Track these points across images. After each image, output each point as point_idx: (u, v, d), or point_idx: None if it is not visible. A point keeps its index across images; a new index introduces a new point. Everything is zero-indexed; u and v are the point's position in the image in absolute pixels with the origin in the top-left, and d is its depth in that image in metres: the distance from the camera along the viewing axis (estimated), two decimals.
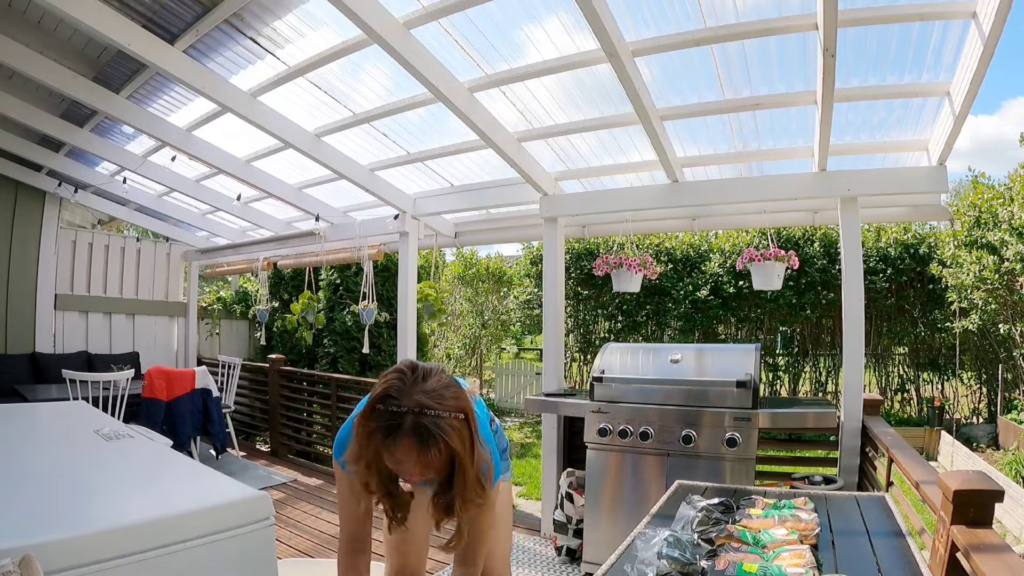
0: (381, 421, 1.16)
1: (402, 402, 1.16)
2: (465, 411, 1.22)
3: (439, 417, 1.16)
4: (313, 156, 3.90)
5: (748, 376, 2.97)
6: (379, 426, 1.16)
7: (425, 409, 1.16)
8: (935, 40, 2.54)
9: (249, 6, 2.84)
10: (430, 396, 1.18)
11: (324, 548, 3.53)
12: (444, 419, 1.16)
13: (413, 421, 1.15)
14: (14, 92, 4.06)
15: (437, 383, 1.21)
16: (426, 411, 1.15)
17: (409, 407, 1.15)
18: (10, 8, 3.13)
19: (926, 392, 7.52)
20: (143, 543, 1.26)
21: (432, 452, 1.16)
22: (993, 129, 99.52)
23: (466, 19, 2.75)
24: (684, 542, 1.35)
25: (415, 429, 1.14)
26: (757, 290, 3.83)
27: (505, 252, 11.76)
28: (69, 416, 2.53)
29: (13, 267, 5.77)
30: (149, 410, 4.67)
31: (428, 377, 1.22)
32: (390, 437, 1.15)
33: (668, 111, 3.18)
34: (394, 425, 1.15)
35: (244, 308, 7.70)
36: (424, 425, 1.15)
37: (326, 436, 5.78)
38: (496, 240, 6.32)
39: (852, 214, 3.22)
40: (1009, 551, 1.34)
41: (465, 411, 1.22)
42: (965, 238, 6.08)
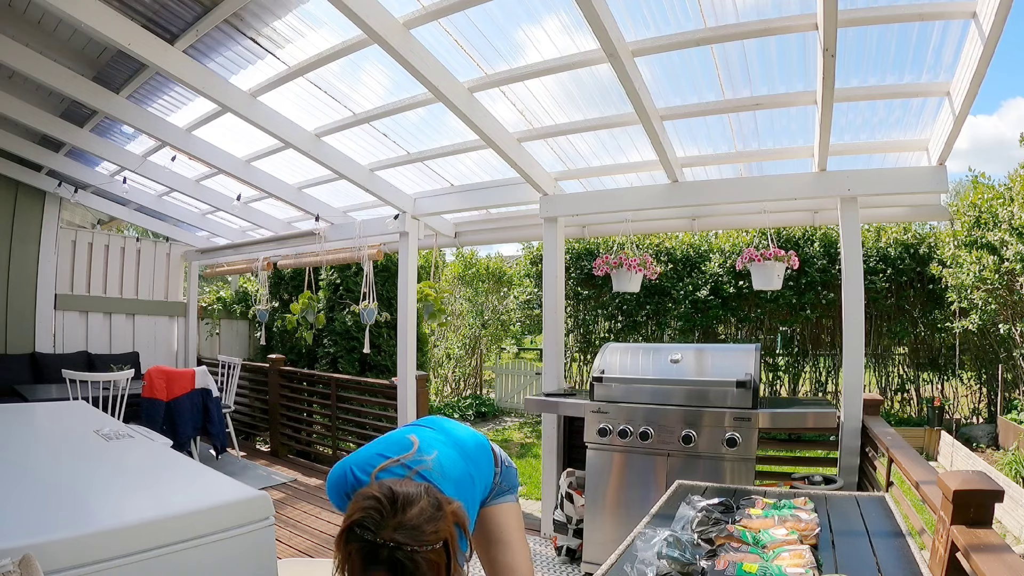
0: (357, 545, 1.15)
1: (378, 535, 1.14)
2: (445, 539, 1.19)
3: (415, 552, 1.13)
4: (313, 156, 3.90)
5: (748, 376, 2.97)
6: (355, 549, 1.15)
7: (402, 545, 1.13)
8: (935, 40, 2.54)
9: (249, 6, 2.84)
10: (408, 533, 1.14)
11: (324, 548, 3.53)
12: (420, 553, 1.14)
13: (388, 555, 1.13)
14: (14, 92, 4.06)
15: (418, 516, 1.17)
16: (403, 547, 1.13)
17: (385, 539, 1.13)
18: (10, 8, 3.13)
19: (926, 392, 7.52)
20: (143, 543, 1.25)
21: None
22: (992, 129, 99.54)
23: (466, 19, 2.75)
24: (684, 542, 1.35)
25: (390, 565, 1.13)
26: (757, 290, 3.83)
27: (505, 252, 11.78)
28: (69, 416, 2.53)
29: (13, 267, 5.77)
30: (149, 410, 4.67)
31: (408, 509, 1.17)
32: (366, 565, 1.14)
33: (668, 111, 3.18)
34: (370, 555, 1.13)
35: (244, 308, 7.70)
36: (400, 561, 1.12)
37: (326, 436, 5.78)
38: (496, 240, 6.32)
39: (852, 214, 3.22)
40: (1009, 551, 1.34)
41: (445, 539, 1.19)
42: (965, 238, 6.08)
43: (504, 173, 4.18)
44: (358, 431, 5.46)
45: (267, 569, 1.47)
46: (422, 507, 1.18)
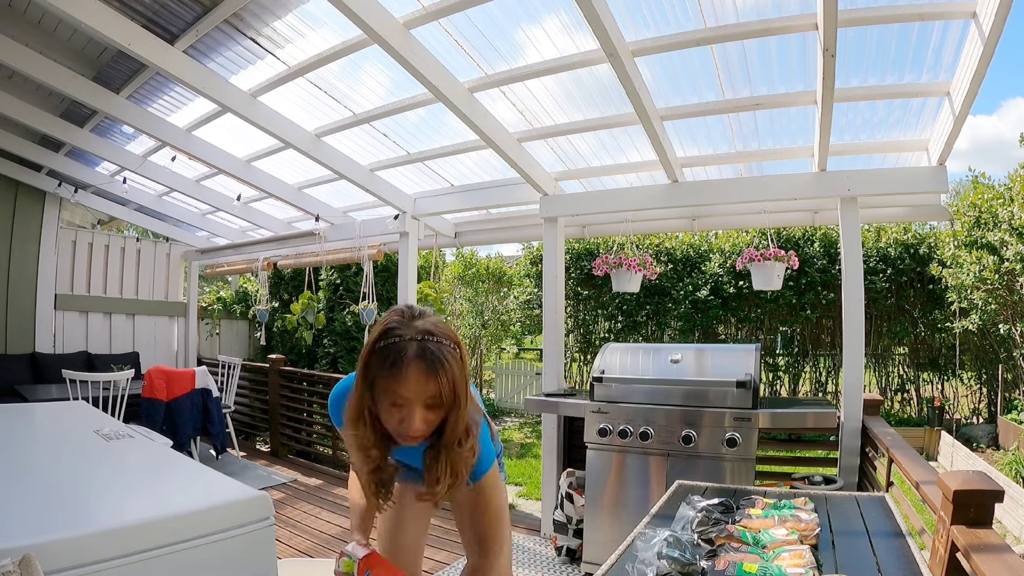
0: (386, 355, 1.16)
1: (405, 333, 1.17)
2: (460, 347, 1.23)
3: (442, 344, 1.18)
4: (313, 156, 3.90)
5: (748, 376, 2.97)
6: (383, 361, 1.16)
7: (428, 335, 1.17)
8: (935, 40, 2.54)
9: (249, 6, 2.85)
10: (432, 324, 1.20)
11: (324, 548, 3.53)
12: (446, 346, 1.18)
13: (419, 347, 1.16)
14: (14, 92, 4.06)
15: (435, 319, 1.24)
16: (429, 337, 1.17)
17: (412, 335, 1.17)
18: (10, 8, 3.14)
19: (926, 392, 7.52)
20: (143, 543, 1.25)
21: (438, 378, 1.16)
22: (992, 129, 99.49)
23: (466, 19, 2.75)
24: (684, 542, 1.35)
25: (421, 354, 1.15)
26: (757, 290, 3.83)
27: (505, 252, 11.77)
28: (69, 416, 2.53)
29: (13, 267, 5.77)
30: (149, 410, 4.67)
31: (425, 314, 1.24)
32: (395, 367, 1.15)
33: (668, 111, 3.18)
34: (400, 354, 1.15)
35: (244, 308, 7.70)
36: (430, 350, 1.16)
37: (326, 436, 5.78)
38: (496, 240, 6.32)
39: (852, 214, 3.22)
40: (1009, 551, 1.34)
41: (460, 347, 1.23)
42: (965, 238, 6.08)
43: (504, 173, 4.18)
44: None
45: (267, 569, 1.47)
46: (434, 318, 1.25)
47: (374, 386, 1.19)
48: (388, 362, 1.16)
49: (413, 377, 1.15)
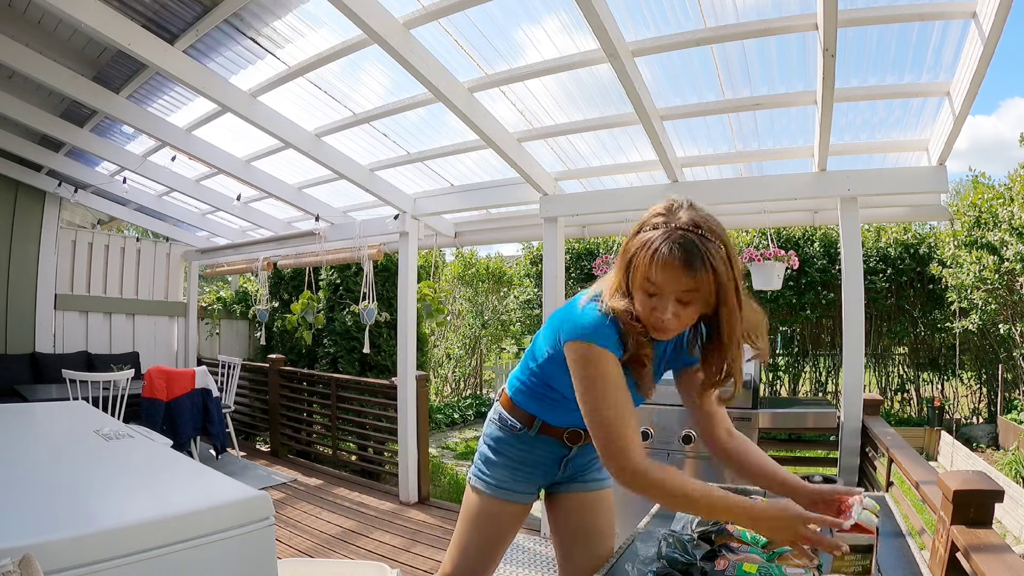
0: (651, 236, 1.15)
1: (669, 218, 1.16)
2: (728, 246, 1.18)
3: (706, 239, 1.14)
4: (313, 156, 3.90)
5: (748, 376, 2.97)
6: (643, 247, 1.15)
7: (693, 228, 1.14)
8: (935, 40, 2.54)
9: (249, 6, 2.84)
10: (700, 217, 1.17)
11: (324, 548, 3.53)
12: (711, 243, 1.14)
13: (682, 236, 1.13)
14: (14, 92, 4.06)
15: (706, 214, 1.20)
16: (694, 229, 1.14)
17: (677, 224, 1.15)
18: (10, 8, 3.13)
19: (926, 392, 7.52)
20: (143, 543, 1.25)
21: (695, 272, 1.12)
22: (991, 129, 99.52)
23: (466, 19, 2.75)
24: (684, 542, 1.35)
25: (683, 243, 1.12)
26: (757, 290, 3.83)
27: (505, 252, 11.77)
28: (69, 416, 2.53)
29: (13, 267, 5.77)
30: (149, 410, 4.67)
31: (695, 207, 1.21)
32: (658, 251, 1.13)
33: (668, 111, 3.18)
34: (664, 239, 1.13)
35: (244, 308, 7.70)
36: (692, 241, 1.12)
37: (326, 436, 5.78)
38: (496, 240, 6.32)
39: (852, 214, 3.22)
40: (1009, 551, 1.34)
41: (728, 246, 1.18)
42: (965, 238, 6.08)
43: (504, 173, 4.18)
44: (358, 431, 5.46)
45: (267, 569, 1.47)
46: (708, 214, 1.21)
47: (631, 270, 1.18)
48: (647, 249, 1.15)
49: (669, 267, 1.13)
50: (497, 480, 1.52)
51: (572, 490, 1.58)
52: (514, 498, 1.51)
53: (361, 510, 4.28)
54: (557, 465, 1.55)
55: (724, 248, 1.17)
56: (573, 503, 1.58)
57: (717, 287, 1.15)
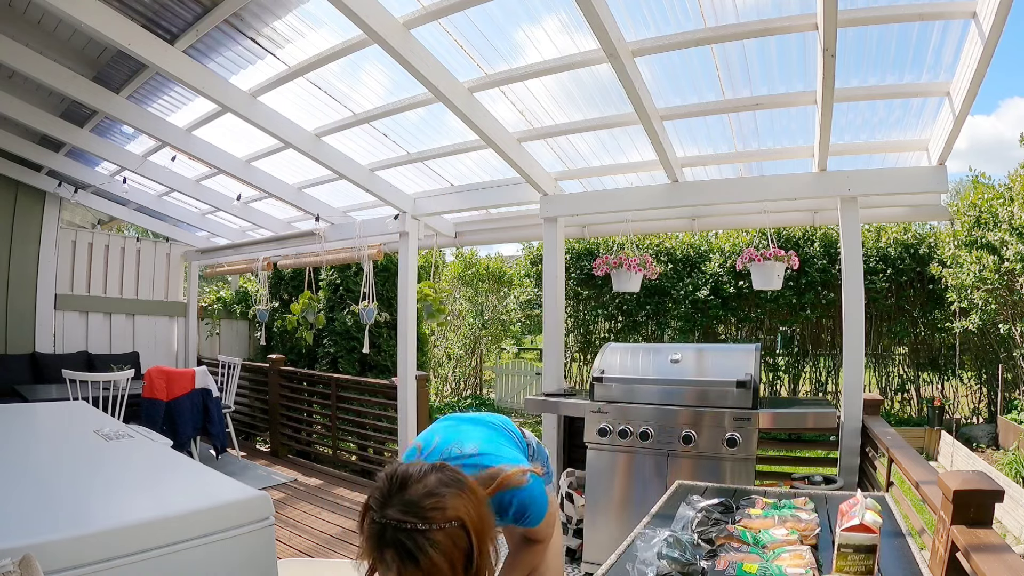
0: (367, 528, 1.11)
1: (381, 514, 1.08)
2: (459, 518, 1.09)
3: (416, 531, 1.05)
4: (313, 156, 3.90)
5: (748, 376, 2.97)
6: (367, 533, 1.11)
7: (402, 523, 1.06)
8: (935, 40, 2.54)
9: (249, 6, 2.84)
10: (407, 510, 1.07)
11: (324, 548, 3.53)
12: (424, 532, 1.05)
13: (392, 536, 1.06)
14: (14, 92, 4.06)
15: (419, 492, 1.09)
16: (404, 525, 1.06)
17: (388, 520, 1.07)
18: (10, 8, 3.13)
19: (926, 392, 7.52)
20: (143, 543, 1.25)
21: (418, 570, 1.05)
22: (990, 129, 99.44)
23: (466, 19, 2.75)
24: (684, 542, 1.35)
25: (394, 545, 1.06)
26: (757, 290, 3.83)
27: (505, 252, 11.77)
28: (69, 416, 2.53)
29: (13, 267, 5.76)
30: (149, 410, 4.67)
31: (407, 485, 1.10)
32: (376, 552, 1.08)
33: (668, 111, 3.18)
34: (378, 536, 1.08)
35: (244, 308, 7.70)
36: (401, 541, 1.05)
37: (326, 436, 5.78)
38: (496, 240, 6.32)
39: (852, 214, 3.22)
40: (1009, 551, 1.34)
41: (459, 518, 1.09)
42: (965, 238, 6.08)
43: (504, 173, 4.18)
44: (358, 431, 5.46)
45: (267, 569, 1.47)
46: (427, 483, 1.11)
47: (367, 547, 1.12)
48: (369, 543, 1.09)
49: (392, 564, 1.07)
50: None
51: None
52: None
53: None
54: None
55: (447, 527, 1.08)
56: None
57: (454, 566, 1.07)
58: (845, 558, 1.22)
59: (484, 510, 1.16)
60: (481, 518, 1.13)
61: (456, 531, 1.08)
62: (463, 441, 1.53)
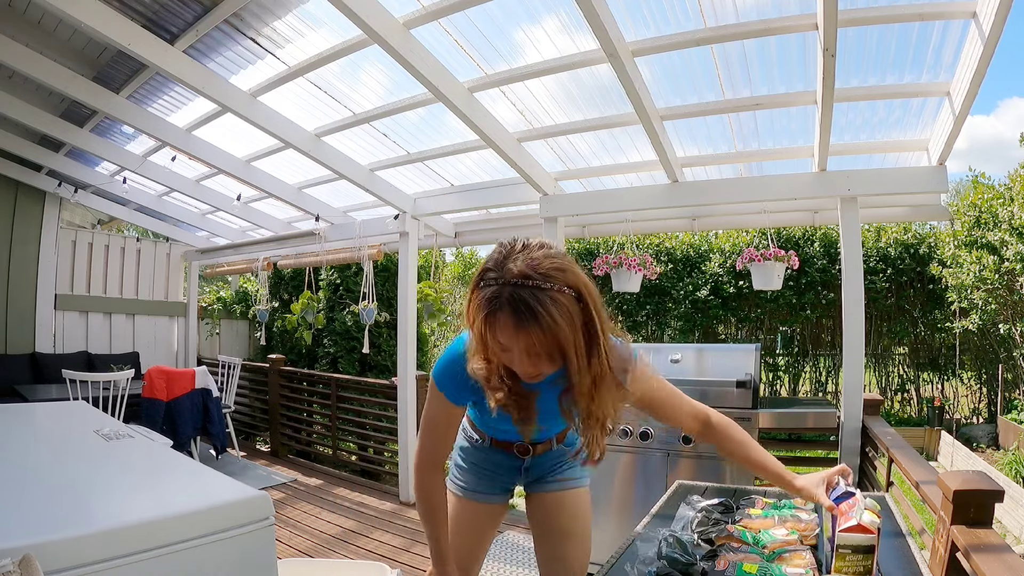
0: (482, 296, 1.07)
1: (499, 274, 1.05)
2: (576, 287, 1.07)
3: (538, 288, 1.02)
4: (313, 156, 3.90)
5: (748, 376, 2.97)
6: (480, 302, 1.07)
7: (523, 279, 1.03)
8: (935, 40, 2.54)
9: (249, 6, 2.85)
10: (529, 265, 1.04)
11: (324, 548, 3.53)
12: (546, 291, 1.02)
13: (510, 293, 1.03)
14: (14, 92, 4.06)
15: (541, 254, 1.07)
16: (524, 281, 1.03)
17: (507, 278, 1.04)
18: (10, 8, 3.13)
19: (926, 392, 7.52)
20: (143, 543, 1.25)
21: (532, 330, 1.02)
22: (990, 129, 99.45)
23: (466, 19, 2.75)
24: (684, 542, 1.35)
25: (511, 301, 1.02)
26: (757, 290, 3.83)
27: None
28: (69, 416, 2.53)
29: (13, 267, 5.77)
30: (149, 410, 4.67)
31: (529, 248, 1.09)
32: (489, 312, 1.05)
33: (668, 111, 3.18)
34: (493, 299, 1.04)
35: (244, 308, 7.70)
36: (521, 297, 1.02)
37: (326, 436, 5.78)
38: (496, 240, 6.26)
39: (852, 214, 3.22)
40: (1009, 551, 1.34)
41: (576, 287, 1.07)
42: (965, 238, 6.08)
43: (504, 173, 4.18)
44: (358, 431, 5.46)
45: (267, 569, 1.47)
46: (547, 252, 1.09)
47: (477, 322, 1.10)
48: (482, 310, 1.07)
49: (505, 328, 1.05)
50: (466, 483, 1.68)
51: (539, 490, 1.66)
52: (483, 499, 1.65)
53: (361, 510, 4.28)
54: (517, 472, 1.65)
55: (566, 291, 1.06)
56: (540, 503, 1.66)
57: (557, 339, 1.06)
58: (843, 558, 1.22)
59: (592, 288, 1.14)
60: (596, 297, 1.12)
61: (572, 300, 1.06)
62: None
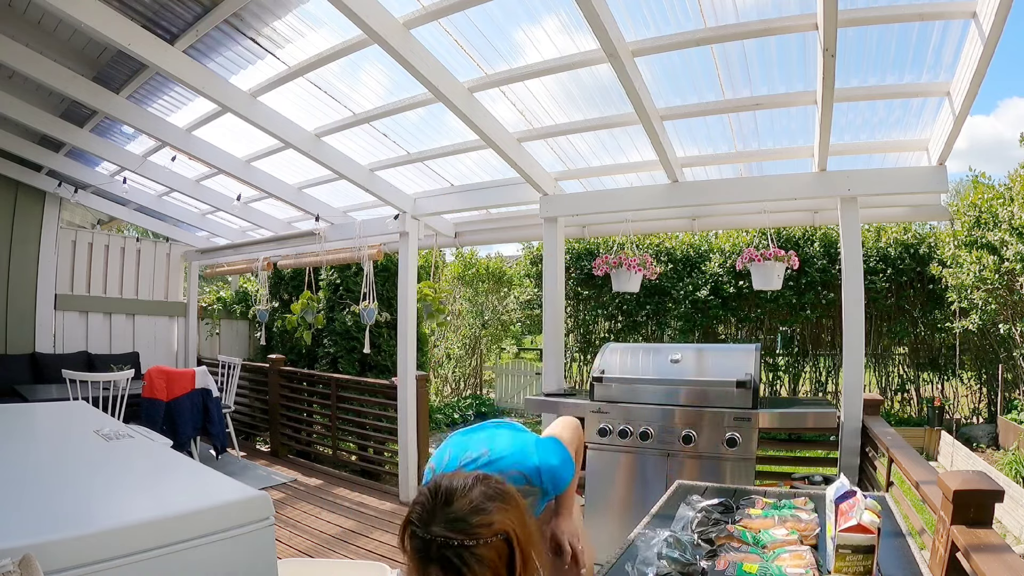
0: (411, 544, 1.09)
1: (425, 532, 1.07)
2: (505, 531, 1.08)
3: (463, 548, 1.04)
4: (313, 156, 3.90)
5: (748, 376, 2.97)
6: (410, 549, 1.09)
7: (449, 540, 1.05)
8: (935, 40, 2.54)
9: (249, 6, 2.84)
10: (453, 527, 1.06)
11: (324, 548, 3.53)
12: (470, 548, 1.04)
13: (438, 554, 1.05)
14: (14, 92, 4.06)
15: (464, 507, 1.09)
16: (450, 542, 1.05)
17: (432, 537, 1.06)
18: (10, 8, 3.13)
19: (926, 392, 7.52)
20: (143, 543, 1.25)
21: None
22: (989, 129, 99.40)
23: (466, 19, 2.75)
24: (684, 542, 1.35)
25: (439, 561, 1.05)
26: (757, 290, 3.83)
27: (505, 252, 11.78)
28: (69, 416, 2.53)
29: (13, 267, 5.76)
30: (149, 410, 4.67)
31: (454, 500, 1.10)
32: (420, 569, 1.07)
33: (668, 111, 3.18)
34: (422, 553, 1.07)
35: (244, 308, 7.70)
36: (447, 558, 1.04)
37: (326, 436, 5.78)
38: (496, 240, 6.32)
39: (852, 214, 3.22)
40: (1009, 551, 1.34)
41: (505, 531, 1.08)
42: (965, 238, 6.08)
43: (504, 173, 4.18)
44: (358, 431, 5.46)
45: (267, 569, 1.47)
46: (471, 498, 1.10)
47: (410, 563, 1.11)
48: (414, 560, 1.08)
49: None
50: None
51: None
52: None
53: (361, 510, 4.28)
54: None
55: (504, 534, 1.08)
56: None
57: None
58: (843, 558, 1.22)
59: (527, 519, 1.15)
60: (525, 528, 1.13)
61: (501, 544, 1.08)
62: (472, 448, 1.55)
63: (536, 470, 1.48)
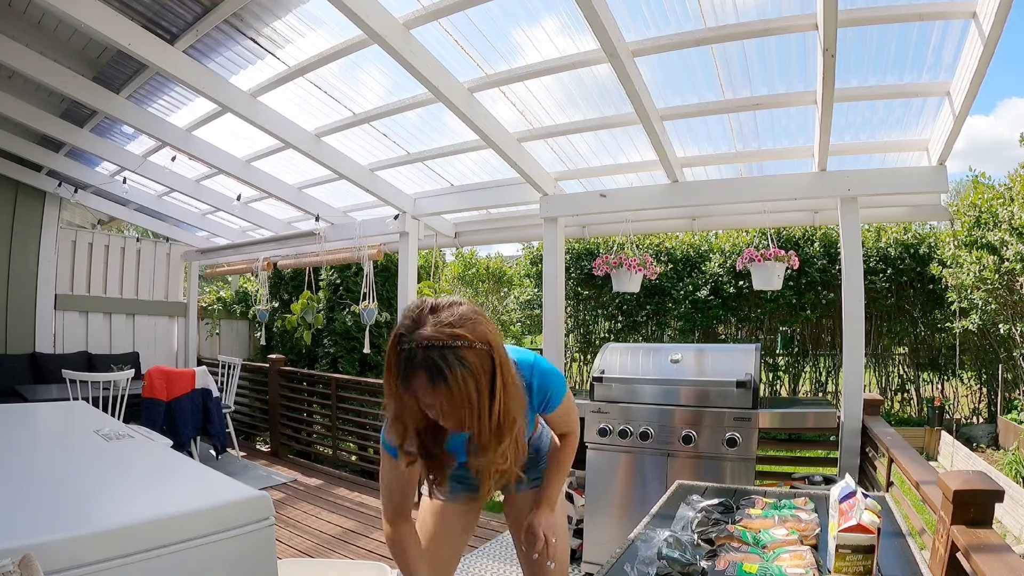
0: (397, 361, 1.14)
1: (411, 338, 1.12)
2: (487, 340, 1.15)
3: (447, 348, 1.10)
4: (313, 156, 3.90)
5: (748, 376, 2.97)
6: (396, 367, 1.14)
7: (432, 342, 1.11)
8: (935, 40, 2.54)
9: (249, 6, 2.85)
10: (439, 330, 1.12)
11: (324, 548, 3.53)
12: (455, 349, 1.11)
13: (423, 356, 1.11)
14: (14, 92, 4.06)
15: (450, 315, 1.15)
16: (434, 343, 1.11)
17: (418, 342, 1.11)
18: (10, 8, 3.14)
19: (926, 392, 7.52)
20: (143, 543, 1.25)
21: (445, 388, 1.10)
22: (989, 129, 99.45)
23: (466, 19, 2.75)
24: (684, 542, 1.35)
25: (424, 364, 1.10)
26: (757, 290, 3.83)
27: (505, 252, 11.77)
28: (69, 416, 2.53)
29: (13, 267, 5.77)
30: (149, 410, 4.67)
31: (439, 310, 1.16)
32: (405, 377, 1.13)
33: (668, 111, 3.18)
34: (407, 362, 1.12)
35: (244, 308, 7.70)
36: (432, 359, 1.10)
37: (326, 436, 5.78)
38: (496, 240, 6.32)
39: (852, 214, 3.22)
40: (1009, 551, 1.34)
41: (487, 340, 1.15)
42: (965, 238, 6.08)
43: (504, 173, 4.18)
44: (358, 431, 5.46)
45: (267, 569, 1.47)
46: (456, 311, 1.17)
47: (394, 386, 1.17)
48: (399, 371, 1.14)
49: (420, 387, 1.13)
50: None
51: (507, 492, 1.82)
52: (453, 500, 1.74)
53: (361, 510, 4.28)
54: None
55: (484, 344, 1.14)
56: (514, 503, 1.81)
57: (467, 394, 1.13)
58: (843, 558, 1.22)
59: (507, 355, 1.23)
60: (502, 349, 1.20)
61: (483, 352, 1.14)
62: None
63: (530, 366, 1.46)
